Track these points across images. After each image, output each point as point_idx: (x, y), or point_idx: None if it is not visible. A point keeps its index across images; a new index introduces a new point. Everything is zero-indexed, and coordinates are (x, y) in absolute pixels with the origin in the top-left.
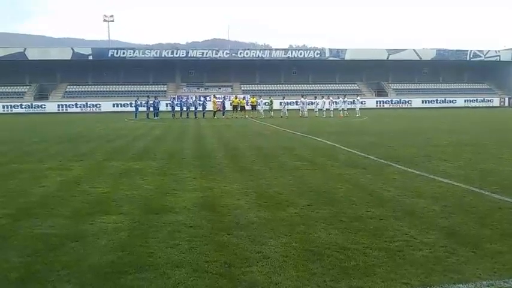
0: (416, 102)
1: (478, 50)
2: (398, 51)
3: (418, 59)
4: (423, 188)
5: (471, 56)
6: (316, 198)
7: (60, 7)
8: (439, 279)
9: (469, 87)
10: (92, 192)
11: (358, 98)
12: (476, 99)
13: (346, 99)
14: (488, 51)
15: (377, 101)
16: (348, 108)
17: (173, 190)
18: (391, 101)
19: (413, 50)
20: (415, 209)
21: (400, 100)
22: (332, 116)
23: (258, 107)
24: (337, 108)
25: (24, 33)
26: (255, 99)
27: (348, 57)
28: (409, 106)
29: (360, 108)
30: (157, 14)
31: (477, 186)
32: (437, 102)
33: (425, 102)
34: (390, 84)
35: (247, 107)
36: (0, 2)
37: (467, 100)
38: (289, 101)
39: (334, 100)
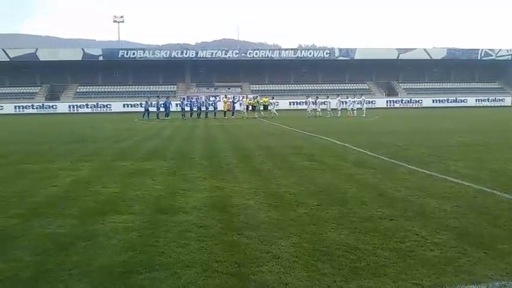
0: (427, 101)
1: (489, 49)
2: (409, 50)
3: (429, 58)
4: (434, 188)
5: (482, 55)
6: (326, 198)
7: (71, 8)
8: (450, 280)
9: (480, 86)
10: (102, 192)
11: (363, 97)
12: (488, 99)
13: (355, 98)
14: (500, 50)
15: (387, 101)
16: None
17: (183, 190)
18: (402, 100)
19: (424, 49)
20: (426, 209)
21: (411, 100)
22: (339, 115)
23: (239, 107)
24: (346, 108)
25: (35, 34)
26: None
27: (357, 56)
28: (419, 106)
29: (366, 108)
30: (167, 14)
31: (488, 186)
32: (448, 102)
33: (436, 102)
34: (400, 84)
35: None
36: (10, 2)
37: (479, 99)
38: (277, 101)
39: (342, 100)
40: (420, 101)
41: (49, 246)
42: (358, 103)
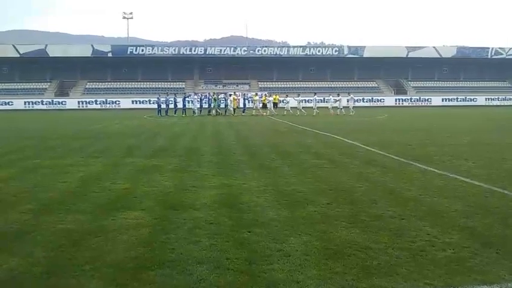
0: (436, 100)
1: (500, 48)
2: (418, 48)
3: (438, 56)
4: (445, 188)
5: (492, 54)
6: (336, 197)
7: (80, 4)
8: (462, 280)
9: (490, 85)
10: (112, 188)
11: (352, 95)
12: (498, 98)
13: (339, 97)
14: (510, 48)
15: (396, 99)
16: (343, 107)
17: (192, 187)
18: (411, 99)
19: (433, 47)
20: (437, 208)
21: (420, 98)
22: (314, 114)
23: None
24: (328, 107)
25: (45, 30)
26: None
27: (366, 54)
28: (428, 104)
29: (353, 107)
30: (175, 11)
31: (499, 186)
32: (457, 101)
33: (446, 101)
34: (410, 82)
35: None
36: None
37: (488, 98)
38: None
39: (318, 98)
40: (429, 100)
41: (61, 241)
42: (349, 101)
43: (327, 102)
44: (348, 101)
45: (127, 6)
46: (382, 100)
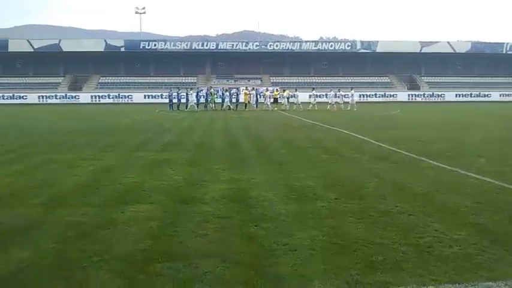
0: (450, 95)
1: None
2: (432, 43)
3: (452, 51)
4: (455, 184)
5: (507, 49)
6: (344, 192)
7: (93, 4)
8: (469, 277)
9: (505, 81)
10: (123, 182)
11: (353, 91)
12: None
13: (341, 92)
14: None
15: (409, 94)
16: (344, 102)
17: (202, 181)
18: (424, 94)
19: (448, 42)
20: (447, 205)
21: (433, 94)
22: (310, 108)
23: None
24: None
25: (58, 25)
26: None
27: (379, 49)
28: (442, 100)
29: (356, 102)
30: (188, 6)
31: (511, 183)
32: (471, 96)
33: (459, 96)
34: (423, 77)
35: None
36: None
37: (503, 94)
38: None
39: (316, 93)
40: (443, 95)
41: (70, 234)
42: (346, 96)
43: (327, 97)
44: (348, 96)
45: (139, 1)
46: (394, 95)
